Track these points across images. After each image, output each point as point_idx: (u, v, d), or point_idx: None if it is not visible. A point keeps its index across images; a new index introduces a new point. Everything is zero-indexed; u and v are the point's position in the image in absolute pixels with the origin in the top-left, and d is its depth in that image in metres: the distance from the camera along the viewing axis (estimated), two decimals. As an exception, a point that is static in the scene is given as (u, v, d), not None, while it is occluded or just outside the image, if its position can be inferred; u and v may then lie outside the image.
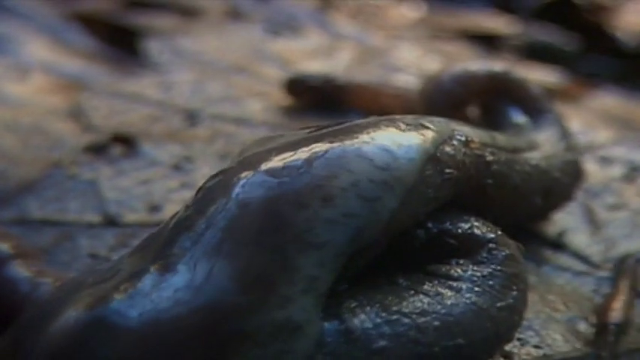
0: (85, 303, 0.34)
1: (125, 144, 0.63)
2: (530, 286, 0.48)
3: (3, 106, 0.71)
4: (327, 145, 0.36)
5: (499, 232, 0.41)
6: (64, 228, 0.54)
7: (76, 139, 0.64)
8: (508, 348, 0.44)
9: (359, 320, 0.34)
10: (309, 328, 0.33)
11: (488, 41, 0.97)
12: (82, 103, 0.70)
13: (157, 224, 0.41)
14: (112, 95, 0.72)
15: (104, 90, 0.73)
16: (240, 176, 0.35)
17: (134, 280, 0.33)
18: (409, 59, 0.85)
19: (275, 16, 0.93)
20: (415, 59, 0.85)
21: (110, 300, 0.33)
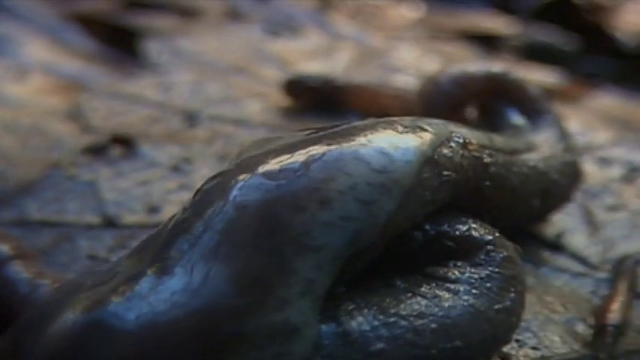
0: (83, 305, 0.34)
1: (124, 145, 0.63)
2: (529, 288, 0.48)
3: (2, 107, 0.71)
4: (324, 148, 0.36)
5: (497, 234, 0.41)
6: (62, 229, 0.54)
7: (75, 139, 0.64)
8: (506, 350, 0.44)
9: (356, 323, 0.34)
10: (306, 330, 0.33)
11: (487, 42, 0.96)
12: (81, 103, 0.70)
13: (156, 225, 0.41)
14: (111, 96, 0.72)
15: (103, 91, 0.73)
16: (238, 179, 0.35)
17: (132, 283, 0.33)
18: (408, 60, 0.85)
19: (274, 17, 0.93)
20: (414, 60, 0.85)
21: (108, 303, 0.33)
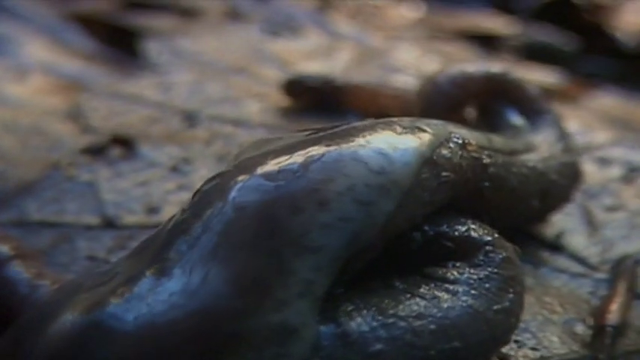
0: (83, 306, 0.35)
1: (124, 145, 0.63)
2: (528, 288, 0.48)
3: (2, 107, 0.71)
4: (323, 149, 0.36)
5: (496, 235, 0.41)
6: (62, 230, 0.54)
7: (75, 140, 0.64)
8: (505, 350, 0.44)
9: (355, 323, 0.34)
10: (305, 331, 0.33)
11: (487, 42, 0.96)
12: (80, 104, 0.70)
13: (155, 226, 0.41)
14: (111, 96, 0.72)
15: (103, 91, 0.73)
16: (237, 180, 0.35)
17: (130, 284, 0.34)
18: (408, 60, 0.85)
19: (274, 17, 0.93)
20: (414, 60, 0.85)
21: (107, 304, 0.33)
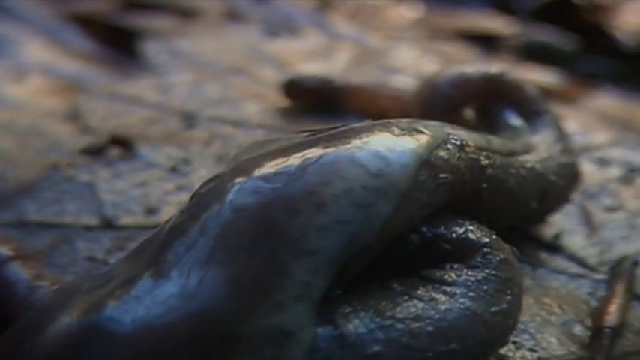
0: (81, 309, 0.35)
1: (122, 146, 0.63)
2: (526, 289, 0.48)
3: (1, 108, 0.71)
4: (320, 151, 0.36)
5: (494, 237, 0.41)
6: (61, 231, 0.54)
7: (74, 141, 0.64)
8: (503, 351, 0.44)
9: (353, 325, 0.35)
10: (302, 334, 0.33)
11: (486, 42, 0.96)
12: (79, 105, 0.70)
13: (154, 227, 0.41)
14: (110, 97, 0.72)
15: (102, 92, 0.73)
16: (234, 182, 0.35)
17: (128, 286, 0.34)
18: (407, 60, 0.85)
19: (273, 17, 0.93)
20: (413, 60, 0.85)
21: (104, 306, 0.34)
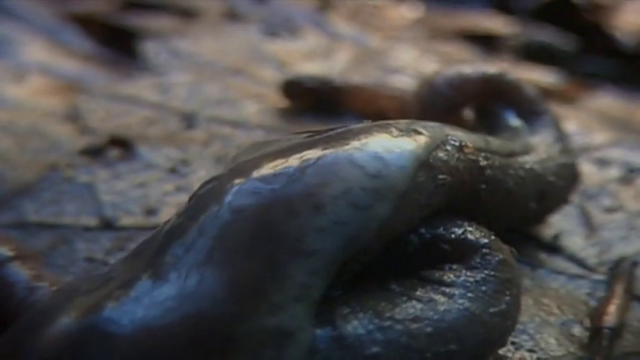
0: (80, 310, 0.35)
1: (122, 147, 0.63)
2: (525, 290, 0.48)
3: (0, 108, 0.71)
4: (319, 152, 0.36)
5: (492, 237, 0.41)
6: (60, 231, 0.54)
7: (73, 141, 0.64)
8: (502, 352, 0.44)
9: (352, 326, 0.35)
10: (301, 335, 0.33)
11: (486, 42, 0.96)
12: (79, 105, 0.70)
13: (153, 228, 0.41)
14: (109, 97, 0.72)
15: (101, 92, 0.73)
16: (232, 183, 0.35)
17: (126, 288, 0.34)
18: (407, 60, 0.84)
19: (272, 17, 0.93)
20: (413, 60, 0.85)
21: (103, 307, 0.34)
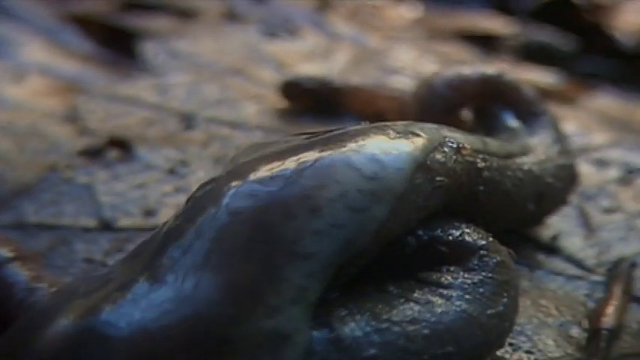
0: (78, 312, 0.35)
1: (121, 148, 0.63)
2: (523, 291, 0.48)
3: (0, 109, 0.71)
4: (316, 155, 0.36)
5: (490, 239, 0.41)
6: (59, 232, 0.54)
7: (72, 142, 0.64)
8: (500, 353, 0.44)
9: (349, 329, 0.35)
10: (298, 337, 0.33)
11: (485, 42, 0.96)
12: (78, 106, 0.70)
13: (152, 229, 0.41)
14: (108, 98, 0.72)
15: (100, 93, 0.73)
16: (230, 186, 0.35)
17: (124, 290, 0.34)
18: (406, 61, 0.84)
19: (271, 18, 0.93)
20: (412, 61, 0.85)
21: (101, 310, 0.34)
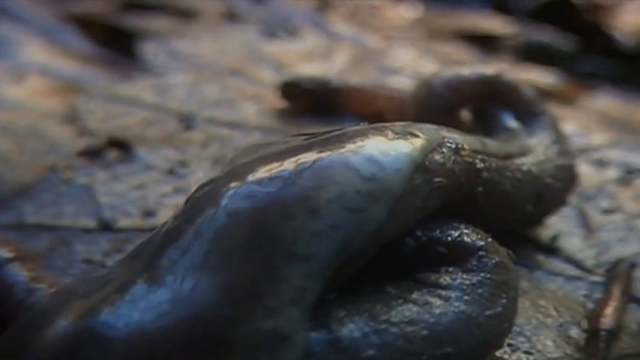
0: (77, 313, 0.35)
1: (120, 148, 0.63)
2: (522, 292, 0.48)
3: (-1, 109, 0.71)
4: (315, 156, 0.36)
5: (489, 240, 0.41)
6: (59, 233, 0.54)
7: (72, 142, 0.64)
8: (499, 354, 0.44)
9: (347, 330, 0.35)
10: (296, 338, 0.33)
11: (485, 42, 0.96)
12: (77, 106, 0.70)
13: (152, 229, 0.41)
14: (108, 99, 0.72)
15: (100, 93, 0.73)
16: (228, 187, 0.35)
17: (122, 292, 0.34)
18: (405, 61, 0.84)
19: (271, 18, 0.93)
20: (411, 61, 0.85)
21: (100, 310, 0.34)
